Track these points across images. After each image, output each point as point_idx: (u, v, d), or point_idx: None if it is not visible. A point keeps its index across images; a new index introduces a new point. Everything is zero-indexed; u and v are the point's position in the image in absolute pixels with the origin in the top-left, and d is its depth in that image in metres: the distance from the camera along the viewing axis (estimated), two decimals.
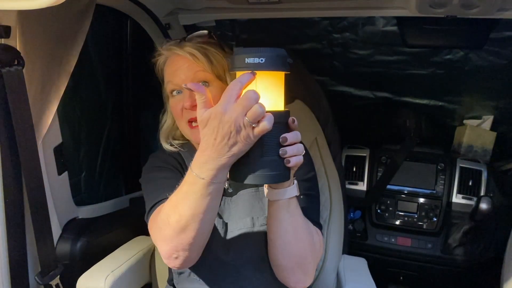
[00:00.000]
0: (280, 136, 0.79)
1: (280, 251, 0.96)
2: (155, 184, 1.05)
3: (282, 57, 0.77)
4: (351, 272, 1.40)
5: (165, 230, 0.87)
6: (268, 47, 0.77)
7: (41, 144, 1.09)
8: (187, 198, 0.82)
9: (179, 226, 0.84)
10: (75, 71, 1.12)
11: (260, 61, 0.74)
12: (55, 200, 1.18)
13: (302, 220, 0.95)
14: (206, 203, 0.81)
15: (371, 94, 2.36)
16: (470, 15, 1.31)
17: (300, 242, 0.95)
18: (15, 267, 1.04)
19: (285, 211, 0.90)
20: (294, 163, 0.80)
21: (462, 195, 1.94)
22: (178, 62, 1.06)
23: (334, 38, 2.17)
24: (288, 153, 0.79)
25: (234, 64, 0.78)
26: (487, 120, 2.24)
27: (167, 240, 0.88)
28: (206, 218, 0.84)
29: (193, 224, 0.84)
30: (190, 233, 0.85)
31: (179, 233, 0.85)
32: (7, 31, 0.93)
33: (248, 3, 1.43)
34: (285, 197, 0.88)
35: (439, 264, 1.97)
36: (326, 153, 1.63)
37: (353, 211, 2.09)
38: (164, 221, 0.86)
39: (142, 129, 1.75)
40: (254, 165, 0.78)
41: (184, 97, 1.04)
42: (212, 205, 0.83)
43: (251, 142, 0.76)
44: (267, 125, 0.74)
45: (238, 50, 0.77)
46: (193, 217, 0.83)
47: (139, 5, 1.48)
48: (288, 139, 0.78)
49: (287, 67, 0.78)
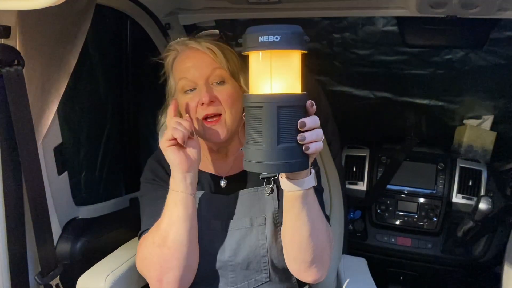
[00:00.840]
0: (297, 121, 0.72)
1: (298, 246, 0.93)
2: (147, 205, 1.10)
3: (298, 35, 0.71)
4: (351, 272, 1.40)
5: (150, 251, 0.97)
6: (283, 24, 0.71)
7: (41, 144, 1.09)
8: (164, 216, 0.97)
9: (160, 239, 0.95)
10: (75, 71, 1.12)
11: (275, 39, 0.68)
12: (55, 200, 1.17)
13: (319, 211, 0.93)
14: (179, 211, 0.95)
15: (371, 94, 2.36)
16: (470, 15, 1.31)
17: (320, 234, 0.93)
18: (15, 267, 1.03)
19: (303, 203, 0.87)
20: (314, 150, 0.75)
21: (462, 195, 1.94)
22: (194, 58, 1.04)
23: (334, 38, 2.17)
24: (307, 139, 0.74)
25: (246, 44, 0.72)
26: (487, 120, 2.23)
27: (152, 260, 0.96)
28: (183, 227, 0.94)
29: (171, 235, 0.94)
30: (171, 245, 0.94)
31: (161, 246, 0.94)
32: (7, 31, 0.93)
33: (248, 3, 1.43)
34: (303, 187, 0.84)
35: (439, 264, 1.97)
36: (326, 153, 1.63)
37: (353, 211, 2.09)
38: (149, 243, 0.98)
39: (142, 129, 1.75)
40: (269, 153, 0.72)
41: (200, 93, 1.02)
42: (186, 215, 0.95)
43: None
44: None
45: (251, 29, 0.71)
46: (170, 226, 0.94)
47: (139, 5, 1.47)
48: (306, 123, 0.74)
49: (304, 46, 0.72)
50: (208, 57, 1.03)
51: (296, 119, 0.72)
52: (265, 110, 0.71)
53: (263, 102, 0.71)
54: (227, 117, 1.03)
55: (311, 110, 0.76)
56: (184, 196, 0.95)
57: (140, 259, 1.01)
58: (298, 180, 0.84)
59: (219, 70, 1.03)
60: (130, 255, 1.23)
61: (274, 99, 0.71)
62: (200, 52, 1.04)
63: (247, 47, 0.72)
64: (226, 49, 1.06)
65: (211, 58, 1.03)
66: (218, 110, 1.03)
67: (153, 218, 1.03)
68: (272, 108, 0.70)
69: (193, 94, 1.04)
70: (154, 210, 1.05)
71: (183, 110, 1.07)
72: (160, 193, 1.08)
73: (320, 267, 0.97)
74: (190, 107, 1.04)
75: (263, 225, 1.08)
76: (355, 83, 2.34)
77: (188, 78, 1.04)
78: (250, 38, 0.70)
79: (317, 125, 0.76)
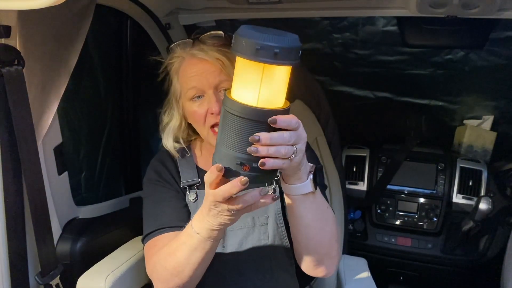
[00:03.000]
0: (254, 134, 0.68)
1: (305, 245, 0.94)
2: (152, 207, 1.08)
3: (298, 50, 0.66)
4: (351, 272, 1.40)
5: (161, 272, 0.95)
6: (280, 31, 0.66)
7: (41, 144, 1.09)
8: (183, 249, 0.89)
9: (176, 271, 0.92)
10: (75, 71, 1.12)
11: (275, 51, 0.62)
12: (55, 200, 1.17)
13: (324, 211, 0.92)
14: (201, 255, 0.88)
15: (371, 94, 2.36)
16: (470, 15, 1.31)
17: (325, 233, 0.93)
18: (15, 267, 1.03)
19: (302, 206, 0.87)
20: (270, 166, 0.70)
21: (462, 195, 1.94)
22: (201, 65, 1.02)
23: (334, 38, 2.17)
24: (260, 153, 0.69)
25: (239, 48, 0.65)
26: (487, 120, 2.23)
27: (162, 281, 0.96)
28: (201, 266, 0.91)
29: (187, 271, 0.91)
30: (184, 278, 0.92)
31: (174, 276, 0.93)
32: (7, 31, 0.93)
33: (248, 3, 1.43)
34: (297, 193, 0.84)
35: (439, 264, 1.97)
36: (326, 153, 1.63)
37: (353, 211, 2.09)
38: (162, 264, 0.94)
39: (142, 129, 1.75)
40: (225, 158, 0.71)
41: (210, 101, 1.00)
42: (207, 257, 0.90)
43: (233, 215, 0.77)
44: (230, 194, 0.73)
45: (245, 30, 0.65)
46: (188, 265, 0.90)
47: (139, 5, 1.47)
48: (261, 139, 0.68)
49: (298, 59, 0.68)
50: (217, 67, 1.01)
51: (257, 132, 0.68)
52: (231, 118, 0.70)
53: (232, 109, 0.69)
54: None
55: (277, 126, 0.69)
56: (210, 244, 0.87)
57: (151, 268, 1.01)
58: (292, 186, 0.83)
59: (226, 82, 1.01)
60: (130, 255, 1.23)
61: (242, 109, 0.68)
62: (207, 62, 1.02)
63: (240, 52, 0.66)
64: (232, 55, 1.04)
65: (219, 68, 1.01)
66: None
67: (156, 222, 1.04)
68: (235, 117, 0.69)
69: (201, 101, 1.03)
70: (156, 213, 1.06)
71: (190, 117, 1.07)
72: (164, 195, 1.08)
73: (329, 263, 0.98)
74: (198, 114, 1.03)
75: (265, 225, 1.08)
76: (355, 83, 2.34)
77: (196, 87, 1.02)
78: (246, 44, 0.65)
79: (280, 141, 0.70)
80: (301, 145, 0.74)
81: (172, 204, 1.07)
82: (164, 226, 1.03)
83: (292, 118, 0.72)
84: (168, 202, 1.07)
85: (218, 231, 0.83)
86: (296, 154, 0.73)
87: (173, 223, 1.04)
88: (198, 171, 1.14)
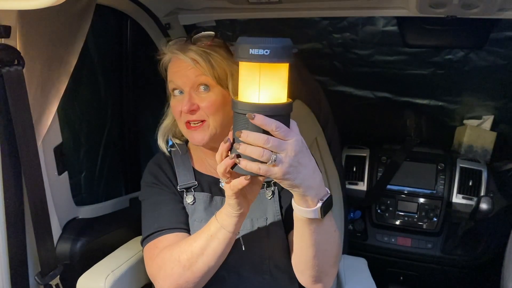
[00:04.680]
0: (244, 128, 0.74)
1: (305, 263, 0.95)
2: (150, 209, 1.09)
3: (287, 48, 0.74)
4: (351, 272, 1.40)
5: (173, 267, 0.95)
6: (273, 38, 0.73)
7: (41, 144, 1.09)
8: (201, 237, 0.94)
9: (189, 263, 0.93)
10: (75, 71, 1.12)
11: (264, 53, 0.71)
12: (55, 200, 1.17)
13: (328, 236, 0.92)
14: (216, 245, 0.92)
15: (371, 94, 2.36)
16: (470, 15, 1.31)
17: (327, 255, 0.94)
18: (15, 267, 1.03)
19: (307, 228, 0.87)
20: (243, 166, 0.74)
21: (462, 195, 1.94)
22: (181, 64, 1.05)
23: (334, 38, 2.17)
24: (240, 149, 0.74)
25: (237, 54, 0.75)
26: (487, 120, 2.24)
27: (172, 277, 0.95)
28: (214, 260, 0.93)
29: (200, 263, 0.93)
30: (196, 271, 0.94)
31: (187, 269, 0.93)
32: (7, 31, 0.93)
33: (248, 3, 1.43)
34: (302, 215, 0.84)
35: (439, 264, 1.97)
36: (326, 153, 1.63)
37: (353, 211, 2.09)
38: (175, 258, 0.95)
39: (142, 129, 1.75)
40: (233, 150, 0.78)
41: (183, 100, 1.04)
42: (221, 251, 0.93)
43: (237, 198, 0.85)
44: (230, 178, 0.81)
45: (242, 39, 0.75)
46: (202, 256, 0.93)
47: (139, 5, 1.47)
48: (242, 135, 0.73)
49: (291, 58, 0.75)
50: (192, 67, 1.04)
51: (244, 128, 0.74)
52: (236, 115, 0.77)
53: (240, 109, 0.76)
54: (211, 122, 1.05)
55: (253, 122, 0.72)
56: (229, 236, 0.92)
57: (155, 268, 1.00)
58: (297, 206, 0.84)
59: (202, 76, 1.04)
60: (130, 255, 1.23)
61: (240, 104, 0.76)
62: (183, 61, 1.05)
63: (238, 57, 0.75)
64: (213, 56, 1.05)
65: (194, 68, 1.04)
66: (201, 117, 1.04)
67: (155, 224, 1.04)
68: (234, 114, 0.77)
69: (181, 97, 1.06)
70: (155, 215, 1.06)
71: (172, 111, 1.11)
72: (161, 198, 1.09)
73: (327, 281, 0.99)
74: (175, 111, 1.07)
75: (264, 226, 1.08)
76: (355, 83, 2.34)
77: (174, 82, 1.06)
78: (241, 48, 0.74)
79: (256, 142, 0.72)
80: (285, 156, 0.73)
81: (170, 206, 1.08)
82: (164, 228, 1.04)
83: (272, 121, 0.72)
84: (166, 204, 1.08)
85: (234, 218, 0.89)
86: (276, 162, 0.73)
87: (172, 225, 1.04)
88: (194, 173, 1.14)
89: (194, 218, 1.09)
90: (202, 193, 1.11)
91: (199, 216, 1.08)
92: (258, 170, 0.73)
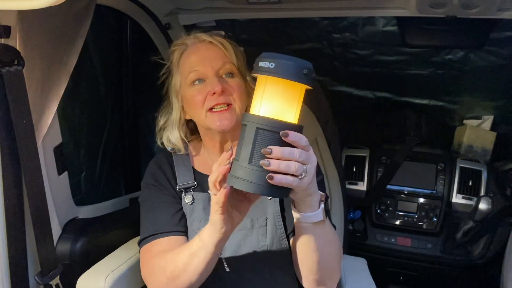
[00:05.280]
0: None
1: (307, 268, 0.96)
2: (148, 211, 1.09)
3: (297, 68, 0.73)
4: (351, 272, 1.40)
5: (159, 276, 0.97)
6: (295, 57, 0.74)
7: (41, 144, 1.09)
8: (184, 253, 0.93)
9: (172, 276, 0.94)
10: (75, 71, 1.12)
11: (270, 66, 0.72)
12: (55, 200, 1.17)
13: (330, 238, 0.92)
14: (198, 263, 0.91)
15: (371, 94, 2.36)
16: (470, 15, 1.31)
17: (328, 259, 0.94)
18: (15, 267, 1.03)
19: (311, 234, 0.87)
20: (278, 181, 0.72)
21: (462, 195, 1.94)
22: (206, 50, 1.06)
23: (334, 38, 2.17)
24: (271, 166, 0.71)
25: (254, 66, 0.77)
26: (487, 120, 2.24)
27: (159, 284, 0.98)
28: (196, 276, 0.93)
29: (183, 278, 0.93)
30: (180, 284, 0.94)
31: (171, 281, 0.94)
32: (7, 31, 0.93)
33: (248, 3, 1.43)
34: (308, 221, 0.85)
35: (439, 264, 1.97)
36: (326, 153, 1.63)
37: (353, 211, 2.09)
38: (162, 267, 0.96)
39: (142, 129, 1.75)
40: (240, 169, 0.75)
41: (212, 83, 1.03)
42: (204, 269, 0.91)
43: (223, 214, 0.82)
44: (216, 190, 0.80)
45: (264, 54, 0.76)
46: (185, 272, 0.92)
47: (139, 5, 1.47)
48: (273, 152, 0.71)
49: (303, 80, 0.74)
50: (220, 51, 1.05)
51: (270, 144, 0.73)
52: (247, 129, 0.75)
53: (248, 120, 0.75)
54: (236, 106, 1.05)
55: (287, 139, 0.73)
56: (209, 256, 0.90)
57: (147, 273, 1.02)
58: (303, 214, 0.84)
59: (229, 64, 1.06)
60: (130, 255, 1.23)
61: (257, 119, 0.74)
62: (212, 45, 1.06)
63: (254, 69, 0.77)
64: (235, 46, 1.09)
65: (222, 52, 1.05)
66: (228, 100, 1.04)
67: (150, 228, 1.06)
68: (252, 127, 0.74)
69: (202, 86, 1.05)
70: (152, 218, 1.07)
71: (189, 103, 1.08)
72: (159, 200, 1.09)
73: (330, 284, 1.00)
74: (197, 99, 1.05)
75: (264, 227, 1.08)
76: (355, 83, 2.35)
77: (199, 71, 1.05)
78: (256, 61, 0.76)
79: (291, 157, 0.72)
80: (311, 166, 0.75)
81: (167, 209, 1.08)
82: (159, 231, 1.05)
83: (303, 137, 0.74)
84: (163, 207, 1.08)
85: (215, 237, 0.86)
86: (305, 174, 0.74)
87: (168, 229, 1.05)
88: (194, 173, 1.14)
89: (193, 217, 1.09)
90: (202, 193, 1.11)
91: (198, 216, 1.09)
92: (292, 183, 0.73)
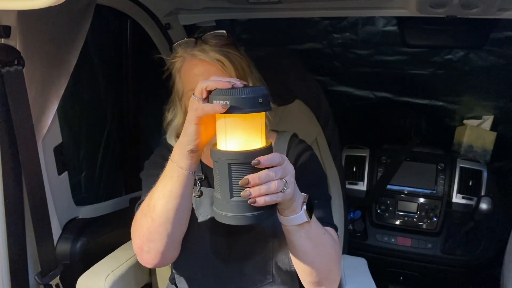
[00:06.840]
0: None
1: (303, 270, 0.95)
2: (147, 181, 1.06)
3: (251, 99, 0.72)
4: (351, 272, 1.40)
5: (137, 218, 0.95)
6: (247, 87, 0.74)
7: (41, 144, 1.09)
8: (159, 180, 0.91)
9: (147, 209, 0.92)
10: (75, 71, 1.12)
11: (225, 103, 0.71)
12: (55, 200, 1.18)
13: (319, 239, 0.92)
14: (171, 185, 0.88)
15: (371, 94, 2.36)
16: (470, 15, 1.31)
17: (323, 259, 0.93)
18: (15, 267, 1.03)
19: (297, 236, 0.87)
20: (263, 203, 0.73)
21: (462, 195, 1.94)
22: (202, 67, 1.01)
23: (334, 38, 2.17)
24: (252, 194, 0.72)
25: None
26: (487, 120, 2.24)
27: (138, 228, 0.95)
28: (172, 204, 0.90)
29: (158, 207, 0.90)
30: (156, 218, 0.91)
31: (147, 217, 0.92)
32: (7, 31, 0.93)
33: (248, 3, 1.43)
34: (291, 224, 0.85)
35: (439, 264, 1.97)
36: (326, 153, 1.63)
37: (353, 211, 2.09)
38: (140, 211, 0.95)
39: (142, 129, 1.75)
40: (224, 204, 0.75)
41: None
42: (178, 193, 0.88)
43: (199, 125, 0.79)
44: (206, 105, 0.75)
45: (216, 91, 0.75)
46: (159, 199, 0.90)
47: (139, 5, 1.47)
48: (251, 181, 0.72)
49: (260, 108, 0.73)
50: (217, 68, 1.00)
51: (245, 175, 0.73)
52: (219, 165, 0.75)
53: (219, 158, 0.75)
54: None
55: (260, 166, 0.73)
56: (184, 174, 0.88)
57: (132, 225, 0.99)
58: (285, 217, 0.84)
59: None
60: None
61: (226, 155, 0.74)
62: (208, 63, 1.01)
63: None
64: (234, 55, 1.03)
65: (220, 69, 1.01)
66: None
67: (147, 193, 1.00)
68: (223, 163, 0.74)
69: None
70: (150, 185, 1.01)
71: None
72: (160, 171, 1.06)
73: (329, 285, 0.99)
74: None
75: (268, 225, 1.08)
76: (355, 83, 2.35)
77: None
78: (210, 96, 0.75)
79: (268, 179, 0.73)
80: (289, 176, 0.77)
81: None
82: None
83: (275, 156, 0.75)
84: None
85: (185, 150, 0.84)
86: (287, 186, 0.76)
87: None
88: (202, 166, 1.12)
89: (199, 212, 1.07)
90: (209, 189, 1.10)
91: (205, 212, 1.07)
92: (276, 199, 0.74)
